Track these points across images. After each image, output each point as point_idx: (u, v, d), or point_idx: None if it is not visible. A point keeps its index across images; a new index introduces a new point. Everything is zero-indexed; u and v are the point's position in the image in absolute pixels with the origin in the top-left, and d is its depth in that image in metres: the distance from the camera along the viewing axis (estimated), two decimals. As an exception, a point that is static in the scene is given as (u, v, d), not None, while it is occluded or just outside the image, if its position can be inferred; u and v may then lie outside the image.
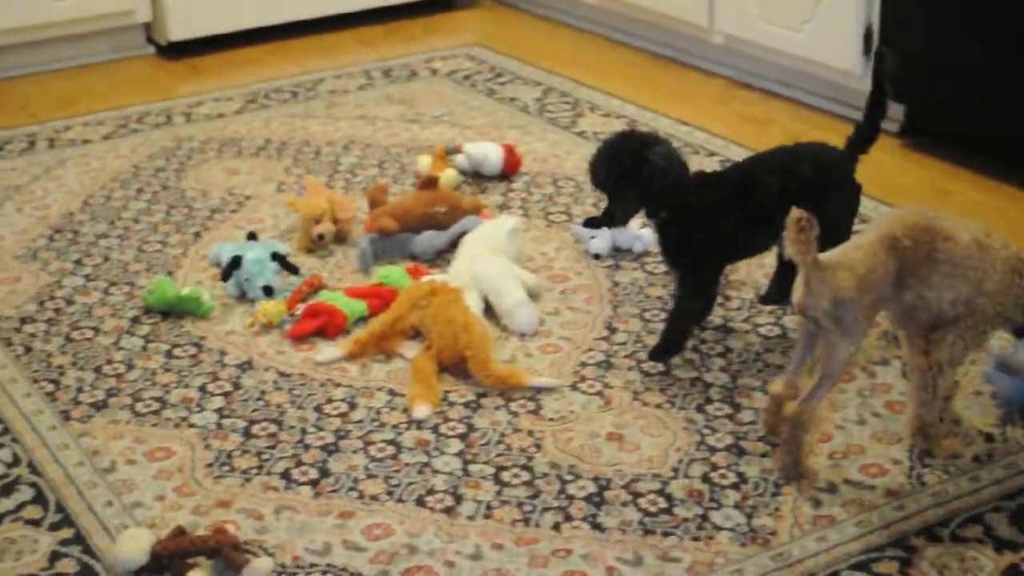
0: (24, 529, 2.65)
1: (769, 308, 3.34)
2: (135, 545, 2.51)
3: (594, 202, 3.91)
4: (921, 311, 2.67)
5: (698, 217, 3.04)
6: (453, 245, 3.62)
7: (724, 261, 3.22)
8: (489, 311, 3.34)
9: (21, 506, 2.72)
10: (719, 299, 3.34)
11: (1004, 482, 2.68)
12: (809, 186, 3.06)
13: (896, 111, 4.36)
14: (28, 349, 3.29)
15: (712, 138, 4.43)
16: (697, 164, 4.20)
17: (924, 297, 2.65)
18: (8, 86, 5.21)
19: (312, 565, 2.52)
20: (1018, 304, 2.69)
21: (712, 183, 3.10)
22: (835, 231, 2.88)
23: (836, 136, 4.38)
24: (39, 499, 2.74)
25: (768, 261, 3.46)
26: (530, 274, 3.47)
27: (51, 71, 5.35)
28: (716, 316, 3.30)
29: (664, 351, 3.14)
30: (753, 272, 3.51)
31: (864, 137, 3.18)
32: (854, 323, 2.58)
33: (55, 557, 2.56)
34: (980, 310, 2.66)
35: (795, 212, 2.50)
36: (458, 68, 5.22)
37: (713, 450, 2.81)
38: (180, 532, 2.56)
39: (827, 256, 2.60)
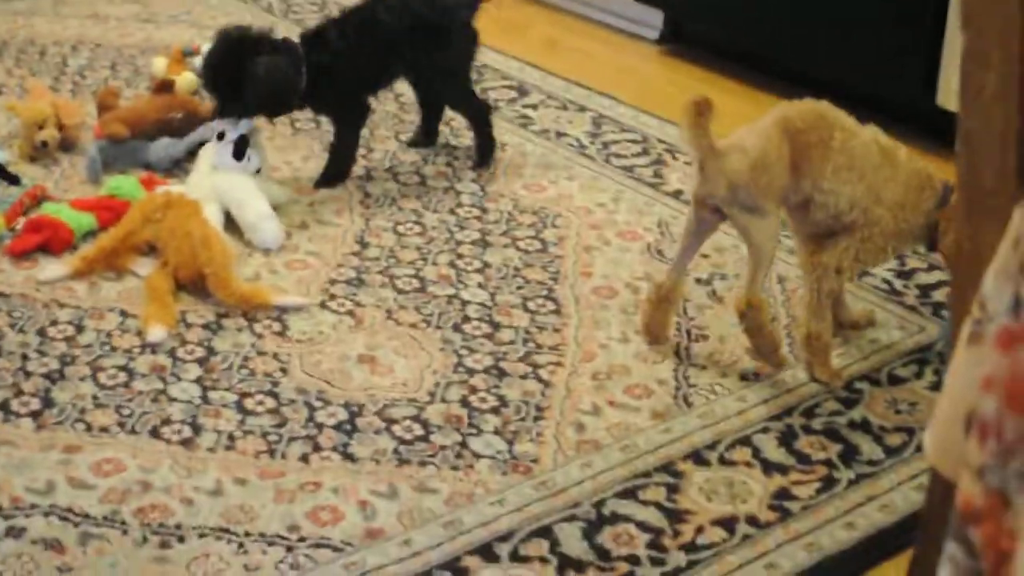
0: None
1: (527, 220, 3.19)
2: None
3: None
4: (818, 208, 2.59)
5: (331, 64, 3.25)
6: (191, 154, 3.37)
7: (364, 94, 3.39)
8: (231, 225, 3.11)
9: None
10: (477, 213, 3.19)
11: (770, 402, 2.59)
12: (431, 26, 3.32)
13: (655, 17, 4.25)
14: None
15: (467, 43, 4.24)
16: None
17: (820, 189, 2.56)
18: None
19: (33, 506, 2.27)
20: (923, 225, 2.61)
21: (336, 30, 3.29)
22: (453, 73, 3.39)
23: (599, 44, 4.28)
24: None
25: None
26: (275, 185, 3.25)
27: None
28: (473, 230, 3.14)
29: (331, 179, 3.34)
30: (512, 183, 3.36)
31: None
32: (757, 203, 2.52)
33: None
34: (878, 221, 2.58)
35: (693, 97, 2.47)
36: (197, -35, 4.91)
37: (472, 372, 2.65)
38: None
39: (721, 142, 2.53)
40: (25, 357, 2.67)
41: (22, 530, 2.22)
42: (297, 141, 3.56)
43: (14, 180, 3.24)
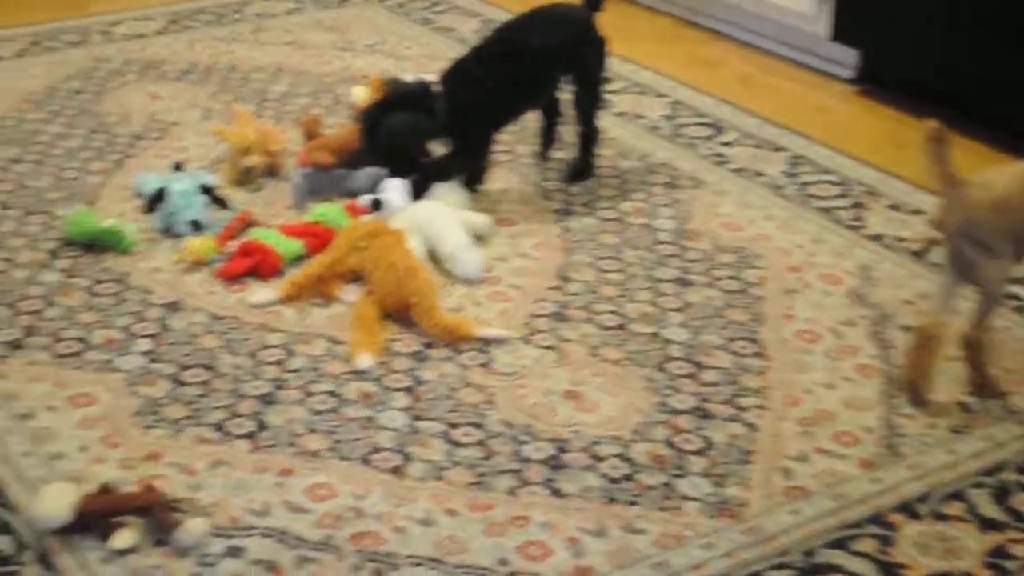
0: (-66, 481, 2.44)
1: (727, 260, 3.19)
2: (58, 501, 2.30)
3: (535, 135, 3.71)
4: None
5: (474, 100, 3.33)
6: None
7: (502, 124, 3.47)
8: (433, 255, 3.15)
9: (-69, 455, 2.50)
10: (675, 250, 3.20)
11: (982, 455, 2.55)
12: (566, 46, 3.40)
13: (850, 56, 4.22)
14: (-64, 281, 3.06)
15: (660, 78, 4.26)
16: (647, 105, 4.05)
17: None
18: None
19: (251, 527, 2.33)
20: None
21: (479, 62, 3.36)
22: (592, 86, 3.46)
23: (790, 82, 4.27)
24: (-50, 448, 2.53)
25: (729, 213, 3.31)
26: (475, 215, 3.29)
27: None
28: (673, 268, 3.15)
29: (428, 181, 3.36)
30: (710, 222, 3.36)
31: None
32: (991, 241, 2.51)
33: (-32, 513, 2.36)
34: None
35: (928, 123, 2.48)
36: (391, -5, 5.00)
37: (676, 412, 2.66)
38: (107, 490, 2.36)
39: (970, 177, 2.52)
40: (238, 379, 2.73)
41: (241, 550, 2.28)
42: (496, 172, 3.59)
43: (223, 204, 3.32)
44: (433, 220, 3.18)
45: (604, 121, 3.63)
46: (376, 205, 3.23)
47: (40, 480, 2.42)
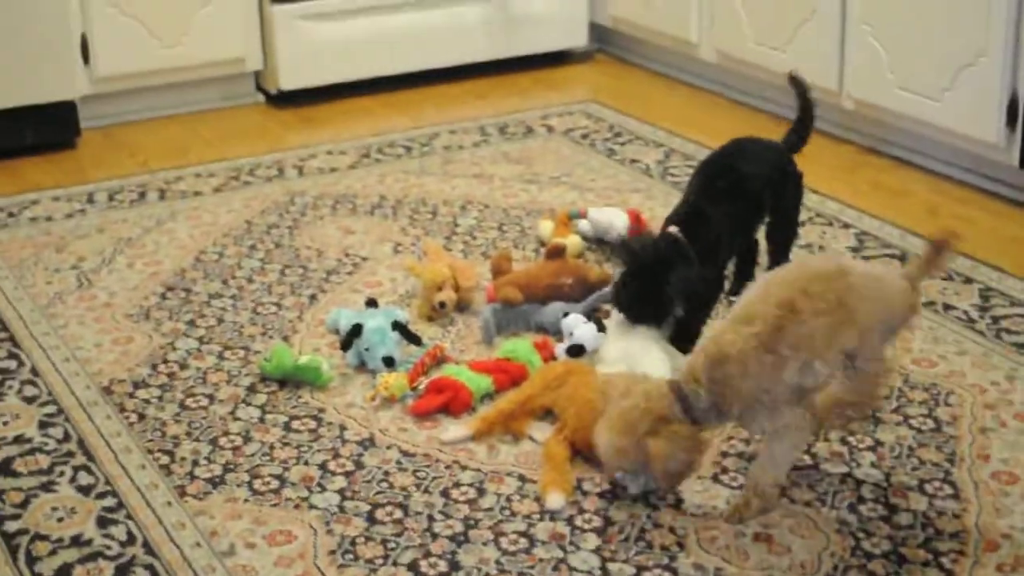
0: (141, 618, 2.51)
1: (918, 397, 3.15)
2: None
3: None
4: None
5: (715, 240, 3.36)
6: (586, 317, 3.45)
7: (725, 265, 3.50)
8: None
9: (137, 592, 2.58)
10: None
11: None
12: (772, 178, 3.47)
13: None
14: (142, 416, 3.16)
15: (845, 208, 4.25)
16: (832, 236, 4.03)
17: None
18: (118, 132, 5.12)
19: (445, 670, 2.36)
20: None
21: (708, 200, 3.38)
22: (790, 219, 3.60)
23: (979, 212, 4.22)
24: (155, 584, 2.60)
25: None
26: (676, 350, 3.29)
27: (161, 117, 5.27)
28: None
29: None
30: (901, 357, 3.32)
31: (800, 139, 3.62)
32: None
33: (173, 651, 2.42)
34: None
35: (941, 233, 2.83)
36: (575, 126, 5.08)
37: (870, 556, 2.62)
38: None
39: None
40: (431, 518, 2.77)
41: None
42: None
43: (416, 340, 3.39)
44: (640, 353, 3.18)
45: (792, 255, 3.62)
46: (575, 352, 3.26)
47: (241, 618, 2.48)
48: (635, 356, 3.16)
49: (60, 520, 2.79)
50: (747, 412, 2.69)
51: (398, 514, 2.79)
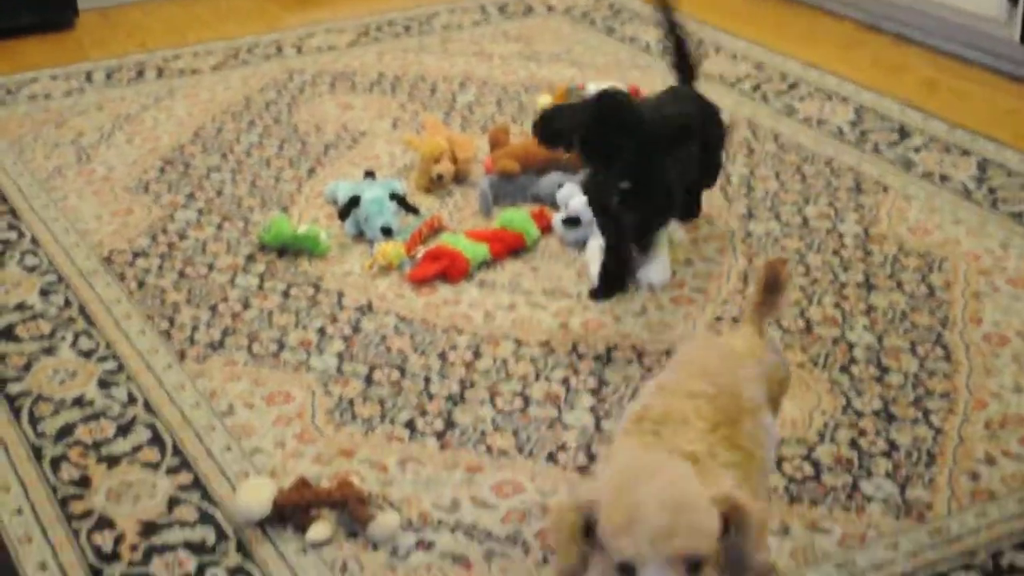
0: (142, 472, 2.55)
1: (913, 264, 3.17)
2: (257, 495, 2.40)
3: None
4: None
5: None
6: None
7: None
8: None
9: (138, 448, 2.61)
10: (860, 255, 3.20)
11: None
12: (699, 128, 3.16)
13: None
14: (142, 284, 3.19)
15: (843, 83, 4.24)
16: (830, 111, 4.03)
17: None
18: (116, 14, 5.11)
19: (440, 522, 2.40)
20: None
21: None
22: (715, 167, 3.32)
23: (978, 86, 4.21)
24: (156, 441, 2.64)
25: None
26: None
27: (159, -1, 5.26)
28: (857, 272, 3.14)
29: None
30: (896, 226, 3.34)
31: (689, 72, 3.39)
32: None
33: (174, 503, 2.46)
34: None
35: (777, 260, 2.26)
36: (575, 4, 5.05)
37: (860, 415, 2.66)
38: (304, 484, 2.45)
39: None
40: (427, 379, 2.81)
41: (431, 544, 2.34)
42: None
43: (413, 211, 3.40)
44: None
45: (790, 128, 3.63)
46: (571, 223, 3.27)
47: (240, 474, 2.52)
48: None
49: (62, 382, 2.82)
50: None
51: (395, 376, 2.82)
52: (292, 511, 2.39)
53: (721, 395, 1.98)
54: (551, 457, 2.56)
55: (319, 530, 2.37)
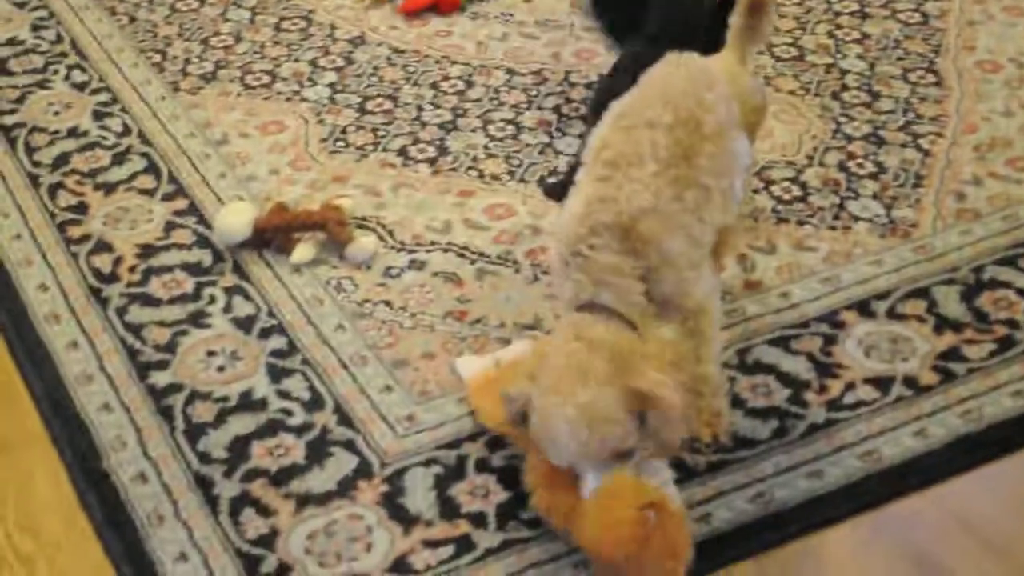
0: (138, 198, 2.58)
1: (908, -6, 3.15)
2: (237, 219, 2.42)
3: None
4: None
5: None
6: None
7: None
8: None
9: (134, 176, 2.64)
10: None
11: None
12: None
13: None
14: (132, 19, 3.17)
15: None
16: None
17: None
18: None
19: (432, 243, 2.44)
20: None
21: None
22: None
23: None
24: (151, 169, 2.66)
25: None
26: None
27: None
28: (852, 1, 3.12)
29: None
30: (891, -44, 3.31)
31: None
32: None
33: (170, 227, 2.50)
34: None
35: None
36: None
37: (850, 139, 2.67)
38: (282, 207, 2.47)
39: None
40: (420, 108, 2.82)
41: (423, 263, 2.39)
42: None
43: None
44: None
45: None
46: None
47: (236, 200, 2.55)
48: None
49: (56, 114, 2.83)
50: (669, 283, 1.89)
51: (388, 105, 2.83)
52: (272, 233, 2.42)
53: (678, 125, 1.89)
54: (542, 182, 2.59)
55: (302, 252, 2.40)
